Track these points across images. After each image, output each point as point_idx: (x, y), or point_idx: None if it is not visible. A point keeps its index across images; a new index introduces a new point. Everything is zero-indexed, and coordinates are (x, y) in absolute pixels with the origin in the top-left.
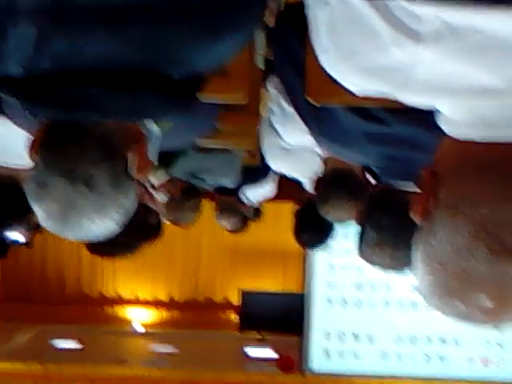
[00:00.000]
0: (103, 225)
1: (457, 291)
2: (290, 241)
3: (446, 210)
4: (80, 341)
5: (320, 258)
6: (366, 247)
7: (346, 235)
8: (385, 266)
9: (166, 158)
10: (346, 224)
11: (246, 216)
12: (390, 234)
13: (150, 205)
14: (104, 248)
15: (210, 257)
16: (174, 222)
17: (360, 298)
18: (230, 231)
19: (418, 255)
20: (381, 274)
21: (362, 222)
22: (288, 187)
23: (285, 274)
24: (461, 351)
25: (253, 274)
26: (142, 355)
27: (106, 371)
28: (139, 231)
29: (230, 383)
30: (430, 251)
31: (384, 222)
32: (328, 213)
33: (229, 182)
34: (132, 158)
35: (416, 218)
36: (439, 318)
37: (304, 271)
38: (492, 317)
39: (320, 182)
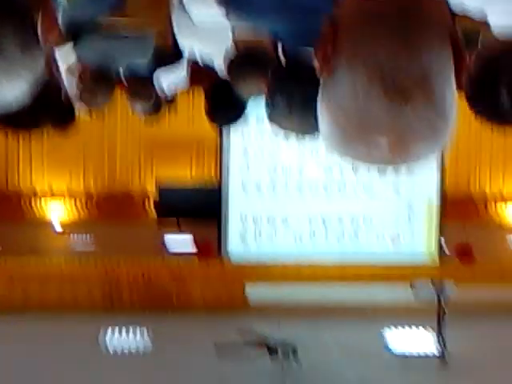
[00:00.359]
0: (12, 88)
1: (356, 134)
2: (204, 129)
3: (345, 58)
4: None
5: (234, 144)
6: (276, 114)
7: (258, 119)
8: (294, 131)
9: (75, 36)
10: (258, 101)
11: (158, 102)
12: (298, 99)
13: (62, 87)
14: (16, 120)
15: (126, 149)
16: (86, 106)
17: (274, 181)
18: (143, 117)
19: (320, 104)
20: (293, 156)
21: (272, 93)
22: (200, 74)
23: (200, 162)
24: (372, 229)
25: (169, 164)
26: (60, 249)
27: (26, 267)
28: (51, 107)
29: (150, 271)
30: (331, 98)
31: (293, 89)
32: (240, 88)
33: (141, 66)
34: (39, 21)
35: (318, 70)
36: (351, 199)
37: (219, 158)
38: (388, 156)
39: (231, 59)
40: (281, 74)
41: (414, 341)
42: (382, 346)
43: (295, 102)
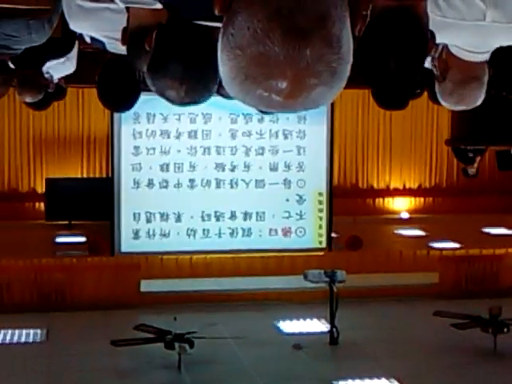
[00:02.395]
0: None
1: (255, 76)
2: (95, 126)
3: (245, 0)
4: None
5: (125, 141)
6: (165, 80)
7: (149, 117)
8: (177, 100)
9: None
10: (147, 100)
11: (48, 95)
12: (196, 67)
13: None
14: None
15: (14, 147)
16: None
17: (166, 179)
18: (32, 108)
19: (221, 51)
20: (185, 153)
21: (163, 53)
22: (90, 65)
23: (91, 159)
24: (264, 224)
25: (59, 162)
26: None
27: None
28: None
29: (41, 268)
30: (230, 39)
31: (192, 56)
32: (137, 64)
33: (31, 56)
34: None
35: (217, 12)
36: (243, 195)
37: (109, 156)
38: (288, 99)
39: (126, 35)
40: (171, 39)
41: (306, 327)
42: (276, 335)
43: (191, 73)
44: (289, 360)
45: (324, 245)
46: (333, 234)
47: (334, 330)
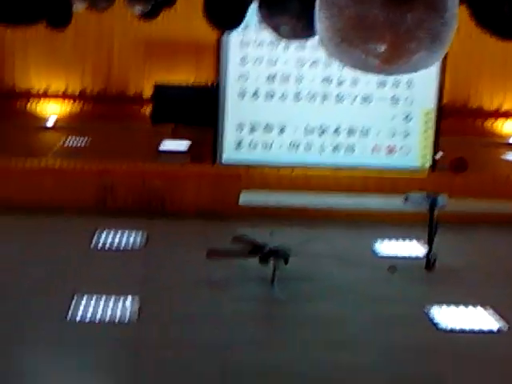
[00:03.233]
0: None
1: (352, 39)
2: (203, 32)
3: None
4: None
5: (232, 50)
6: (282, 17)
7: (257, 28)
8: (291, 36)
9: None
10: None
11: (157, 4)
12: (312, 3)
13: None
14: (11, 14)
15: (123, 49)
16: (92, 8)
17: (272, 90)
18: (142, 18)
19: (319, 9)
20: (292, 66)
21: None
22: None
23: (198, 66)
24: (367, 141)
25: (166, 66)
26: (54, 147)
27: (21, 166)
28: (48, 4)
29: (144, 172)
30: (330, 2)
31: None
32: None
33: None
34: None
35: None
36: (348, 110)
37: (217, 64)
38: (385, 62)
39: None
40: None
41: (403, 250)
42: (371, 255)
43: (307, 11)
44: (383, 282)
45: (428, 165)
46: (438, 155)
47: (432, 254)
